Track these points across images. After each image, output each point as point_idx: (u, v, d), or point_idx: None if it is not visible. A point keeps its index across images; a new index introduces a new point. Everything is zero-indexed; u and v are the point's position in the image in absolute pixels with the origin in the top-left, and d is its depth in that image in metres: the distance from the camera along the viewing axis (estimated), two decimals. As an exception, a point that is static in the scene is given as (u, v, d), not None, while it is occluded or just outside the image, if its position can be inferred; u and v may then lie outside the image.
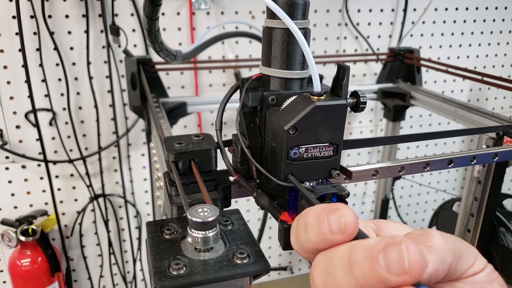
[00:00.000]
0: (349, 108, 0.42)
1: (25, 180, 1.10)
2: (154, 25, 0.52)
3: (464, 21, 1.29)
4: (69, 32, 1.00)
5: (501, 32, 1.33)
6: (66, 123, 1.07)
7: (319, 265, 0.22)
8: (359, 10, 1.18)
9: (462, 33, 1.31)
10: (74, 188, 1.14)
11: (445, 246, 0.22)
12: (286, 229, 0.40)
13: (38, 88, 1.02)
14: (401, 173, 0.58)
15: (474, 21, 1.30)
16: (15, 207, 1.11)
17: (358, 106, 0.41)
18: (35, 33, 0.97)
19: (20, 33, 0.92)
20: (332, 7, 1.16)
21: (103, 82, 1.06)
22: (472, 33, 1.31)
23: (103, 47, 1.03)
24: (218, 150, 0.45)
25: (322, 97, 0.38)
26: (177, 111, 0.92)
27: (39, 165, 1.09)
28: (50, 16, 0.97)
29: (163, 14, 1.03)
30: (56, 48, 0.99)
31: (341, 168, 0.48)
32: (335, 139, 0.39)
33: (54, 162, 1.09)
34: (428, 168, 0.59)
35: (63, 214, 1.16)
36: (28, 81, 0.96)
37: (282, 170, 0.39)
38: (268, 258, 0.57)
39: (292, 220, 0.40)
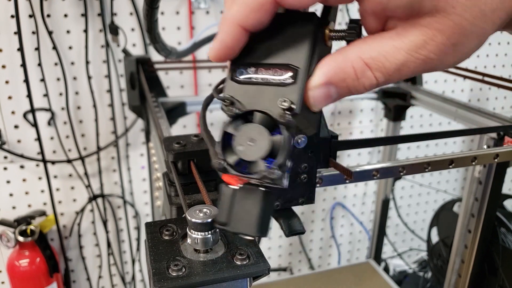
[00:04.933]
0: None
1: (24, 180, 1.09)
2: (154, 14, 0.51)
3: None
4: (68, 32, 1.00)
5: (501, 31, 1.33)
6: (65, 123, 1.07)
7: None
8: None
9: (462, 33, 1.30)
10: (72, 188, 1.14)
11: None
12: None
13: (37, 87, 1.02)
14: (401, 174, 0.58)
15: (474, 21, 1.30)
16: (14, 208, 1.11)
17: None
18: (33, 33, 0.97)
19: (18, 33, 0.91)
20: (332, 6, 1.15)
21: (102, 81, 1.06)
22: (472, 33, 1.31)
23: (102, 46, 1.03)
24: None
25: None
26: (176, 111, 0.91)
27: (37, 165, 1.08)
28: (48, 15, 0.97)
29: (162, 13, 1.03)
30: (54, 48, 0.99)
31: (342, 168, 0.48)
32: (295, 60, 0.28)
33: (53, 162, 1.09)
34: (428, 168, 0.59)
35: (62, 214, 1.16)
36: (26, 80, 0.95)
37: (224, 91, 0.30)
38: (268, 259, 0.56)
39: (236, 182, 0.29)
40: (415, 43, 0.22)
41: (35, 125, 1.00)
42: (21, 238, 1.02)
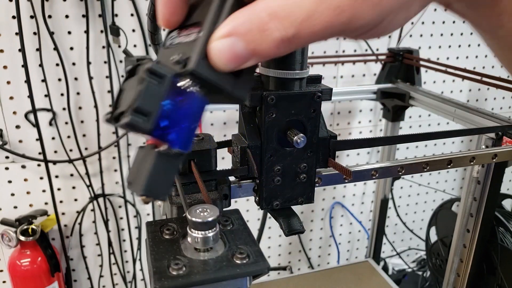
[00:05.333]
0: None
1: (25, 180, 1.10)
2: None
3: (464, 22, 1.29)
4: (69, 32, 1.00)
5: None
6: (66, 123, 1.07)
7: None
8: (358, 11, 1.18)
9: (461, 34, 1.31)
10: (74, 188, 1.14)
11: None
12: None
13: (38, 88, 1.02)
14: (400, 173, 0.58)
15: (474, 21, 1.30)
16: (15, 207, 1.11)
17: None
18: (35, 33, 0.97)
19: (20, 33, 0.92)
20: (331, 7, 1.16)
21: (103, 82, 1.06)
22: (471, 33, 1.31)
23: (103, 47, 1.04)
24: (219, 150, 0.45)
25: None
26: (176, 111, 0.92)
27: (39, 165, 1.09)
28: (50, 16, 0.98)
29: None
30: (56, 48, 0.99)
31: (341, 168, 0.48)
32: (204, 17, 0.25)
33: (54, 162, 1.09)
34: (427, 168, 0.59)
35: (63, 214, 1.16)
36: (28, 81, 0.96)
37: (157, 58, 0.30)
38: (268, 258, 0.57)
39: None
40: None
41: (36, 125, 1.00)
42: (22, 238, 1.02)
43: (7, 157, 1.06)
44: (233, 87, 0.26)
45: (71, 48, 1.02)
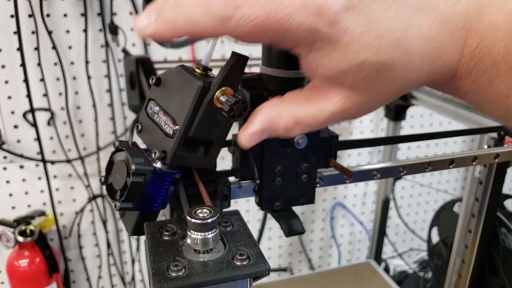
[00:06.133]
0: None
1: (23, 180, 1.09)
2: None
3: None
4: (68, 31, 1.00)
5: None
6: (65, 122, 1.06)
7: None
8: (359, 10, 1.18)
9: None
10: (72, 188, 1.14)
11: None
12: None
13: (36, 87, 1.02)
14: (402, 173, 0.58)
15: (475, 21, 1.29)
16: (13, 208, 1.11)
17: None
18: (33, 32, 0.97)
19: (18, 32, 0.91)
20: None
21: (102, 81, 1.06)
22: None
23: (102, 46, 1.03)
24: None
25: (199, 70, 0.34)
26: (176, 111, 0.91)
27: (37, 165, 1.08)
28: (48, 15, 0.97)
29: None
30: (54, 47, 0.99)
31: (342, 168, 0.48)
32: (179, 117, 0.31)
33: (52, 162, 1.09)
34: (429, 168, 0.59)
35: (61, 214, 1.16)
36: (26, 80, 0.95)
37: (135, 123, 0.38)
38: (268, 259, 0.56)
39: None
40: (337, 108, 0.27)
41: (34, 125, 1.00)
42: (20, 238, 1.02)
43: (5, 157, 1.05)
44: (202, 163, 0.34)
45: (70, 47, 1.01)
